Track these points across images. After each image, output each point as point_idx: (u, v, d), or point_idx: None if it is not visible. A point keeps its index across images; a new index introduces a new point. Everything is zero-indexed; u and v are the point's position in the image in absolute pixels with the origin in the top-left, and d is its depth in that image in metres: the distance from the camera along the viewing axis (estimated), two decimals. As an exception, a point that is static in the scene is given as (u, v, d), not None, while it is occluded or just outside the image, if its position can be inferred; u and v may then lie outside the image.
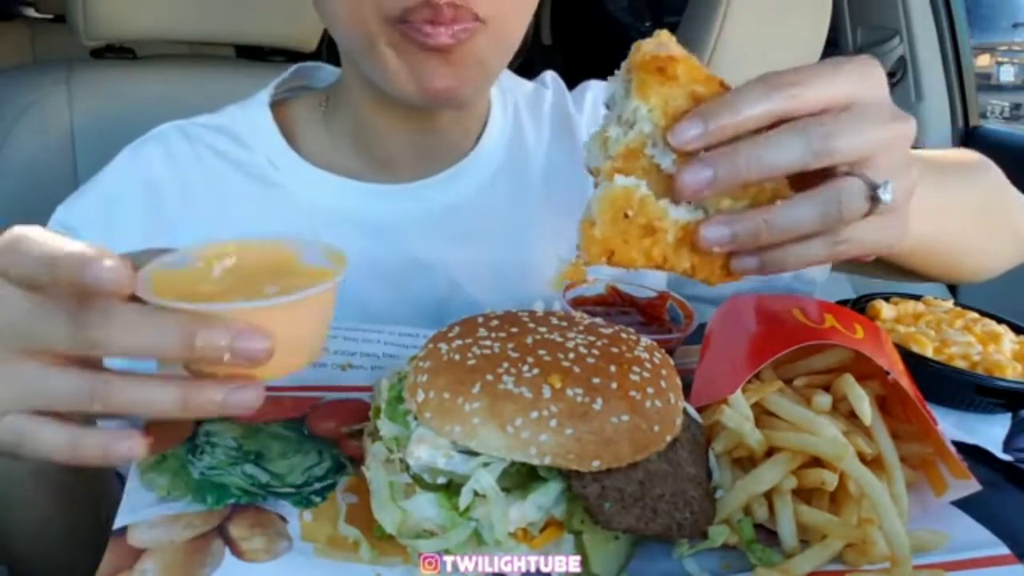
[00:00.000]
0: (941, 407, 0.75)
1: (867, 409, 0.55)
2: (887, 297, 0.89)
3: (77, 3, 1.18)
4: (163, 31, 1.25)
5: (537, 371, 0.49)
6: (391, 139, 0.88)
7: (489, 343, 0.52)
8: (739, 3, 1.83)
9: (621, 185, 0.50)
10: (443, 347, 0.53)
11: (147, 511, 0.51)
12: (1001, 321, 0.86)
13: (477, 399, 0.48)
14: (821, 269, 0.96)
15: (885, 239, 0.54)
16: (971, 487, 0.55)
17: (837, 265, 0.93)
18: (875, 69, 0.53)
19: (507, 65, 0.83)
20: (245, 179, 0.87)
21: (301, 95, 0.96)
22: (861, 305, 0.88)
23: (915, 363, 0.73)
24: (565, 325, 0.56)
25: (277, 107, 0.92)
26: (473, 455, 0.48)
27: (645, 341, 0.57)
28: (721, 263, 0.54)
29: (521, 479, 0.49)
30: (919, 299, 0.90)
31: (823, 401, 0.56)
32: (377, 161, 0.90)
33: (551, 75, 1.05)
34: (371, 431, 0.55)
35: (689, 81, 0.50)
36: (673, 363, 0.56)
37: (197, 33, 1.29)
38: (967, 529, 0.55)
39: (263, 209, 0.86)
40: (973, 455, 0.65)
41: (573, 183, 0.93)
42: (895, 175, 0.51)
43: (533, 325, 0.55)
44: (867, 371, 0.59)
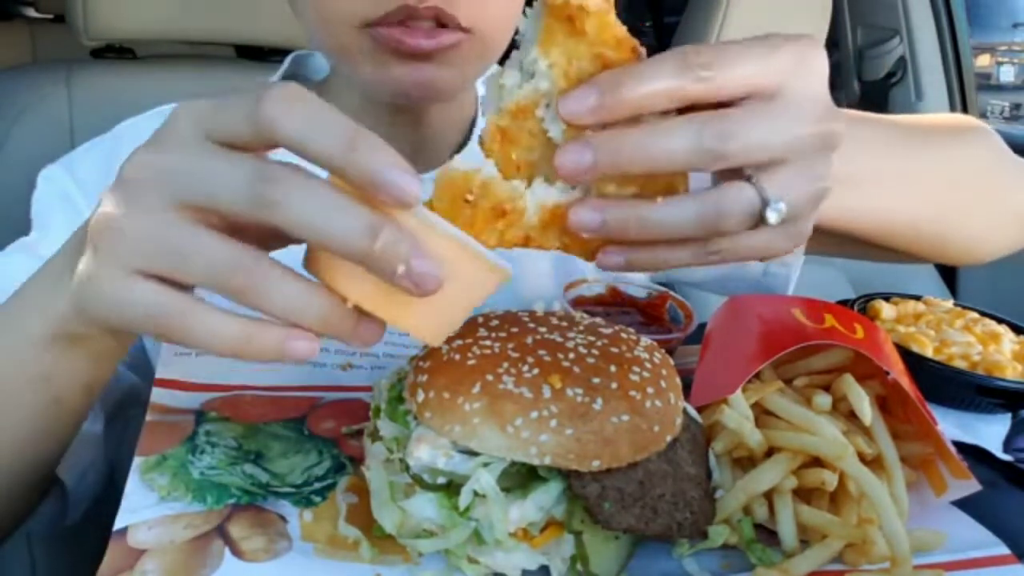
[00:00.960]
0: (941, 407, 0.75)
1: (867, 409, 0.55)
2: (887, 297, 0.89)
3: (77, 3, 1.18)
4: (163, 31, 1.25)
5: (537, 371, 0.49)
6: (377, 134, 0.88)
7: (489, 343, 0.52)
8: (739, 3, 1.83)
9: (459, 169, 0.44)
10: (443, 347, 0.52)
11: (147, 511, 0.51)
12: (1001, 321, 0.86)
13: (477, 399, 0.48)
14: (795, 261, 0.94)
15: (772, 252, 0.48)
16: (971, 487, 0.55)
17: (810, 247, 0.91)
18: (817, 55, 0.46)
19: (498, 61, 0.83)
20: None
21: None
22: (861, 305, 0.88)
23: (915, 363, 0.73)
24: (565, 325, 0.56)
25: None
26: (473, 455, 0.48)
27: (645, 341, 0.57)
28: (598, 244, 0.48)
29: (521, 479, 0.49)
30: (919, 299, 0.90)
31: (823, 401, 0.56)
32: None
33: None
34: (371, 431, 0.55)
35: (598, 41, 0.43)
36: (673, 363, 0.56)
37: (197, 33, 1.29)
38: (967, 529, 0.55)
39: None
40: (973, 455, 0.65)
41: None
42: (799, 187, 0.45)
43: (533, 325, 0.55)
44: (867, 371, 0.59)
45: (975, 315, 0.87)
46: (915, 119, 0.76)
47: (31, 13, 3.42)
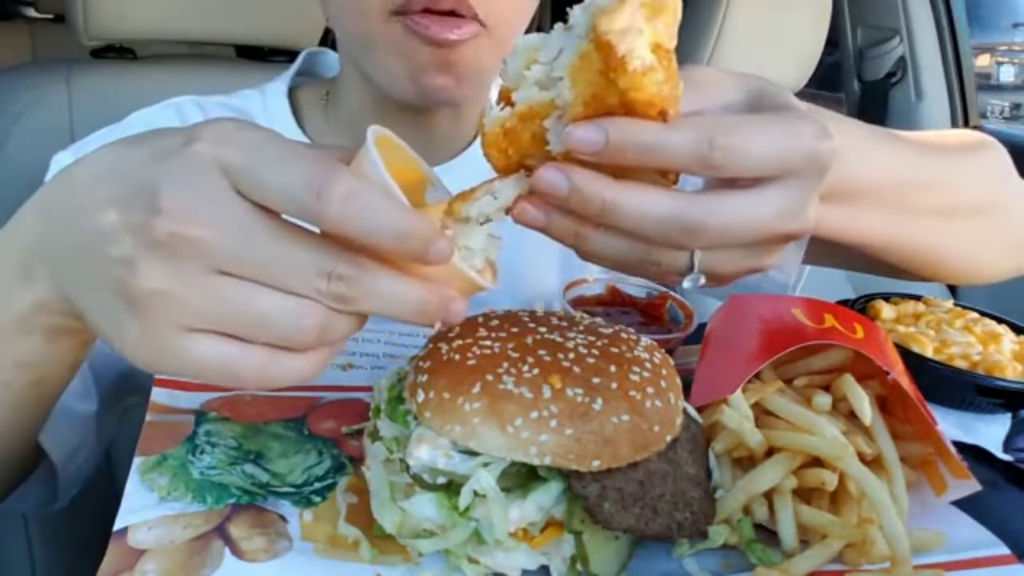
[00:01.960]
0: (941, 407, 0.75)
1: (867, 409, 0.55)
2: (887, 297, 0.89)
3: (77, 3, 1.18)
4: (163, 31, 1.25)
5: (537, 371, 0.49)
6: None
7: (489, 343, 0.52)
8: (739, 3, 1.83)
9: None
10: (443, 347, 0.52)
11: (147, 511, 0.51)
12: (1001, 321, 0.86)
13: (477, 399, 0.48)
14: (795, 269, 0.94)
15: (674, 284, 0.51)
16: (971, 487, 0.55)
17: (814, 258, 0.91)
18: (828, 145, 0.46)
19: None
20: None
21: (307, 84, 0.98)
22: (861, 305, 0.88)
23: (915, 363, 0.73)
24: (565, 325, 0.56)
25: (289, 94, 0.94)
26: (473, 455, 0.48)
27: (645, 341, 0.57)
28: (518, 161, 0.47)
29: (521, 479, 0.49)
30: (919, 299, 0.90)
31: (823, 401, 0.56)
32: None
33: None
34: (371, 431, 0.55)
35: (630, 87, 0.41)
36: (673, 363, 0.56)
37: (197, 33, 1.29)
38: (967, 529, 0.55)
39: None
40: (973, 455, 0.65)
41: None
42: (732, 265, 0.48)
43: (533, 325, 0.55)
44: (867, 371, 0.59)
45: (975, 315, 0.87)
46: (924, 135, 0.75)
47: (31, 13, 3.43)
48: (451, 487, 0.49)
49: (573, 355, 0.51)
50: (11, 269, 0.50)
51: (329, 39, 1.40)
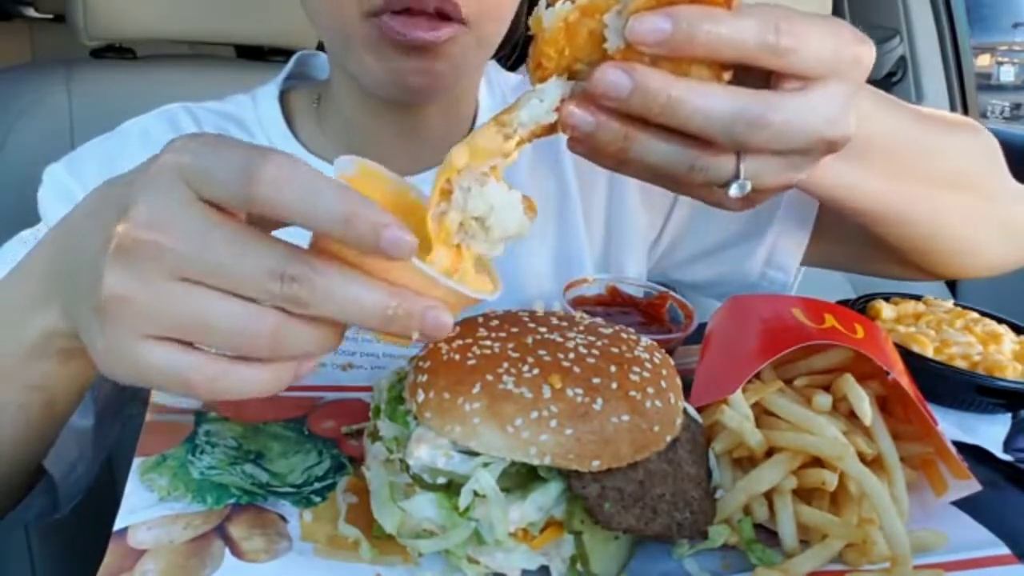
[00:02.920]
0: (941, 407, 0.75)
1: (867, 409, 0.55)
2: (887, 297, 0.89)
3: (77, 3, 1.18)
4: (163, 31, 1.25)
5: (537, 371, 0.49)
6: (379, 136, 0.88)
7: (489, 343, 0.52)
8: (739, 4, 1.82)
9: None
10: (443, 347, 0.52)
11: (147, 511, 0.51)
12: (1001, 321, 0.85)
13: (477, 399, 0.48)
14: (793, 268, 0.95)
15: (721, 206, 0.52)
16: (971, 487, 0.55)
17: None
18: (868, 50, 0.50)
19: (492, 56, 0.83)
20: None
21: (299, 87, 0.97)
22: (861, 305, 0.88)
23: (915, 363, 0.73)
24: (565, 325, 0.56)
25: (281, 98, 0.94)
26: (473, 455, 0.48)
27: (645, 341, 0.57)
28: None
29: (521, 479, 0.49)
30: (919, 299, 0.90)
31: (823, 401, 0.56)
32: (368, 157, 0.90)
33: None
34: (371, 431, 0.55)
35: None
36: (673, 363, 0.56)
37: (197, 33, 1.29)
38: (967, 529, 0.55)
39: None
40: (973, 455, 0.65)
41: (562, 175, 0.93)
42: (774, 176, 0.49)
43: (533, 325, 0.55)
44: (867, 371, 0.59)
45: (975, 315, 0.87)
46: (918, 107, 0.76)
47: (31, 13, 3.43)
48: (451, 487, 0.49)
49: (573, 355, 0.51)
50: (29, 298, 0.53)
51: (328, 39, 1.40)
